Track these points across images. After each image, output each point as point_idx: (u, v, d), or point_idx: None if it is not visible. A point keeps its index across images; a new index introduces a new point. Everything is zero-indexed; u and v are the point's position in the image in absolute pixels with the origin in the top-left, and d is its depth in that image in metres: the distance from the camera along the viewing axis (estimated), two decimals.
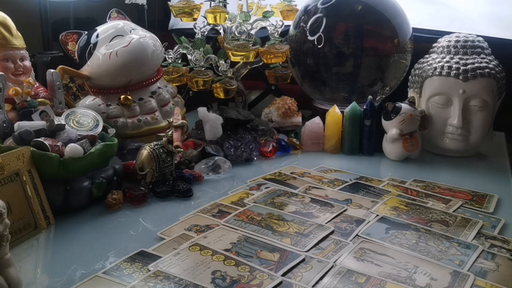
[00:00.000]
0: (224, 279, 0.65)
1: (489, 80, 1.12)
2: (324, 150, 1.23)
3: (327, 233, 0.78)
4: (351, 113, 1.19)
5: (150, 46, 1.12)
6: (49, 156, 0.83)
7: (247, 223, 0.80)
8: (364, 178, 1.04)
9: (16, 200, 0.77)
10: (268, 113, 1.33)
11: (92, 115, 0.98)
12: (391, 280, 0.66)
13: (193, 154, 1.11)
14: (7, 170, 0.77)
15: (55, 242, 0.79)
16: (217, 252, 0.71)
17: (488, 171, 1.12)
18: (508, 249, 0.75)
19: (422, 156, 1.19)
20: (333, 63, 1.31)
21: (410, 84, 1.26)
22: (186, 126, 0.98)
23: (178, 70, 1.32)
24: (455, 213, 0.87)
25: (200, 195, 0.96)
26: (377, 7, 1.29)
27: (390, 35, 1.28)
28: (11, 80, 0.98)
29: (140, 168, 0.93)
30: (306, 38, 1.30)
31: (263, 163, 1.15)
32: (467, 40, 1.18)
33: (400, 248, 0.74)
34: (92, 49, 1.10)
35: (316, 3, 1.31)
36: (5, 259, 0.58)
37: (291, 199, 0.91)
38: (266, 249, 0.72)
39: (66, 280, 0.66)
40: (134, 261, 0.70)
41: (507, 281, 0.66)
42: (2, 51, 0.98)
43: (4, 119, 0.90)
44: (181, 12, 1.34)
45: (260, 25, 1.31)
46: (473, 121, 1.14)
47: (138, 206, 0.91)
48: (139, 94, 1.14)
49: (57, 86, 0.99)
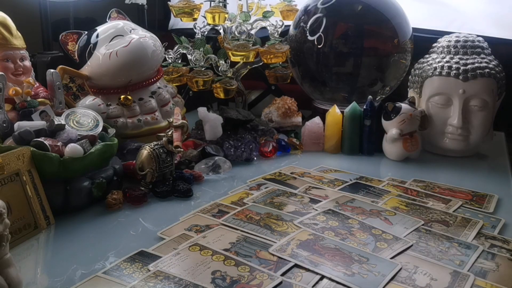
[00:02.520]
0: (224, 279, 0.65)
1: (489, 80, 1.12)
2: (324, 150, 1.23)
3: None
4: (351, 113, 1.19)
5: (150, 46, 1.12)
6: (49, 156, 0.83)
7: (246, 222, 0.80)
8: (364, 178, 1.04)
9: (16, 200, 0.77)
10: (268, 113, 1.33)
11: (92, 115, 0.98)
12: (391, 280, 0.66)
13: (193, 154, 1.11)
14: (7, 170, 0.77)
15: (55, 242, 0.79)
16: (217, 252, 0.71)
17: (488, 171, 1.12)
18: (508, 249, 0.75)
19: (422, 156, 1.19)
20: (333, 63, 1.31)
21: (410, 84, 1.26)
22: (186, 126, 0.98)
23: (178, 70, 1.32)
24: (455, 213, 0.87)
25: (200, 195, 0.96)
26: (377, 7, 1.29)
27: (390, 35, 1.28)
28: (11, 80, 0.98)
29: (140, 168, 0.93)
30: (306, 38, 1.30)
31: (263, 163, 1.15)
32: (467, 40, 1.18)
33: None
34: (92, 49, 1.10)
35: (316, 3, 1.31)
36: (5, 259, 0.58)
37: (290, 199, 0.91)
38: (265, 249, 0.72)
39: (66, 280, 0.66)
40: (134, 261, 0.70)
41: (507, 281, 0.66)
42: (2, 51, 0.98)
43: (4, 119, 0.90)
44: (181, 12, 1.34)
45: (260, 25, 1.31)
46: (473, 121, 1.14)
47: (138, 206, 0.91)
48: (139, 94, 1.14)
49: (57, 86, 0.99)
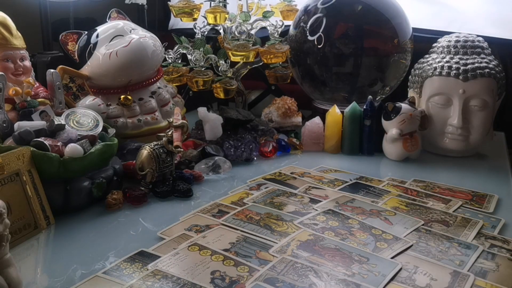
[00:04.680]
0: (224, 279, 0.65)
1: (489, 80, 1.12)
2: (324, 150, 1.23)
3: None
4: (351, 113, 1.19)
5: (150, 46, 1.12)
6: (49, 156, 0.83)
7: (246, 222, 0.80)
8: (364, 178, 1.04)
9: (16, 200, 0.77)
10: (268, 113, 1.33)
11: (92, 115, 0.98)
12: (392, 280, 0.66)
13: (193, 154, 1.11)
14: (7, 170, 0.77)
15: (55, 242, 0.79)
16: (216, 252, 0.71)
17: (488, 171, 1.12)
18: (508, 249, 0.75)
19: (422, 156, 1.19)
20: (333, 63, 1.31)
21: (410, 84, 1.26)
22: (186, 126, 0.98)
23: (178, 70, 1.32)
24: (455, 213, 0.87)
25: (200, 195, 0.96)
26: (377, 7, 1.29)
27: (390, 35, 1.28)
28: (11, 80, 0.98)
29: (140, 168, 0.93)
30: (306, 38, 1.30)
31: (263, 163, 1.15)
32: (467, 40, 1.18)
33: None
34: (92, 49, 1.10)
35: (316, 3, 1.31)
36: (5, 259, 0.58)
37: (290, 199, 0.91)
38: (265, 249, 0.72)
39: (66, 280, 0.66)
40: (134, 261, 0.70)
41: (507, 281, 0.66)
42: (2, 51, 0.98)
43: (4, 119, 0.90)
44: (181, 12, 1.34)
45: (260, 25, 1.31)
46: (473, 121, 1.14)
47: (138, 206, 0.91)
48: (139, 94, 1.14)
49: (57, 86, 0.99)
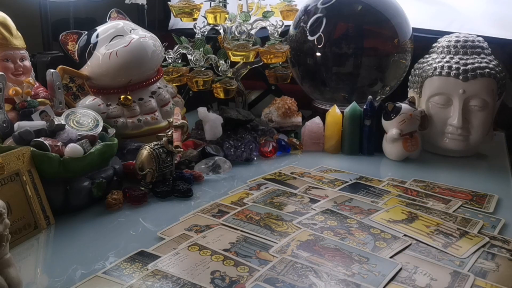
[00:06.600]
0: (224, 279, 0.65)
1: (489, 80, 1.12)
2: (324, 150, 1.23)
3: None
4: (351, 113, 1.19)
5: (150, 46, 1.12)
6: (49, 156, 0.83)
7: (246, 222, 0.80)
8: (364, 178, 1.04)
9: (16, 200, 0.77)
10: (268, 113, 1.33)
11: (92, 115, 0.98)
12: (391, 280, 0.66)
13: (193, 154, 1.11)
14: (7, 170, 0.77)
15: (55, 242, 0.79)
16: (216, 252, 0.71)
17: (488, 171, 1.12)
18: (508, 249, 0.75)
19: (422, 156, 1.19)
20: (333, 63, 1.31)
21: (410, 84, 1.26)
22: (186, 126, 0.98)
23: (178, 70, 1.32)
24: (455, 213, 0.87)
25: (200, 195, 0.96)
26: (377, 7, 1.29)
27: (390, 35, 1.28)
28: (11, 80, 0.98)
29: (140, 168, 0.93)
30: (306, 38, 1.30)
31: (263, 163, 1.15)
32: (467, 40, 1.18)
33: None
34: (92, 49, 1.10)
35: (316, 3, 1.31)
36: (5, 259, 0.58)
37: (290, 199, 0.91)
38: (265, 249, 0.72)
39: (66, 280, 0.66)
40: (134, 261, 0.70)
41: (507, 281, 0.66)
42: (2, 51, 0.98)
43: (4, 119, 0.90)
44: (181, 12, 1.34)
45: (260, 25, 1.31)
46: (473, 121, 1.14)
47: (138, 206, 0.91)
48: (139, 94, 1.14)
49: (57, 86, 0.99)
